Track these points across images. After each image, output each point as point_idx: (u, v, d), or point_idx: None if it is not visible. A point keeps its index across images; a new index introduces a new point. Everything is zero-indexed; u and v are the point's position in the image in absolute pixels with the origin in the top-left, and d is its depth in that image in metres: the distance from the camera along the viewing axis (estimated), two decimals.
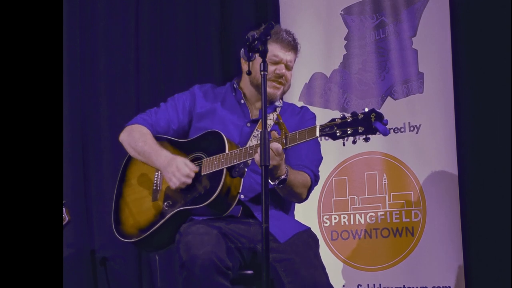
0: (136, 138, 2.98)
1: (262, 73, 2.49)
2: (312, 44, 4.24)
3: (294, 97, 4.27)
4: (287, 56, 2.99)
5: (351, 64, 4.24)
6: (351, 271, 4.06)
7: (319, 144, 3.02)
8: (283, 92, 3.04)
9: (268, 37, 2.54)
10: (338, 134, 2.48)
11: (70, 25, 4.60)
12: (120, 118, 4.31)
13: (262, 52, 2.52)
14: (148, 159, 2.93)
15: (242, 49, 2.70)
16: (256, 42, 2.52)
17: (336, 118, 2.51)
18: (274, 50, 2.95)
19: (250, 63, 2.86)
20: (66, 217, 3.27)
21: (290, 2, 4.40)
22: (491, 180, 3.86)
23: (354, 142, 2.47)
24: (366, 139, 2.45)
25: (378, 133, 2.42)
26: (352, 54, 4.25)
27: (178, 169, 2.79)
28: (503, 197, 3.81)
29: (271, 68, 2.92)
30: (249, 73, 2.76)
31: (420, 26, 4.08)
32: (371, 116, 2.42)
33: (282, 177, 2.70)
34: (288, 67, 3.00)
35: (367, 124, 2.42)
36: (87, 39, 4.69)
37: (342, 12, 4.28)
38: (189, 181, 2.79)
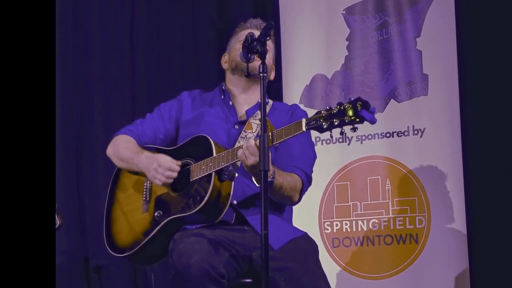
0: (119, 146, 2.98)
1: (261, 74, 2.45)
2: (312, 45, 4.24)
3: (294, 99, 4.26)
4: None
5: (353, 65, 4.22)
6: (353, 279, 4.03)
7: (312, 143, 3.00)
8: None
9: (268, 38, 2.51)
10: (324, 127, 2.45)
11: (63, 29, 4.56)
12: (114, 123, 4.33)
13: (261, 53, 2.48)
14: (131, 164, 2.92)
15: (241, 50, 2.65)
16: (255, 43, 2.49)
17: (322, 110, 2.48)
18: (244, 33, 2.86)
19: (225, 61, 2.98)
20: (57, 221, 3.25)
21: (290, 2, 4.39)
22: (497, 185, 3.83)
23: (341, 133, 2.43)
24: (354, 129, 2.41)
25: (365, 121, 2.38)
26: (354, 55, 4.22)
27: (160, 165, 2.77)
28: (511, 203, 3.78)
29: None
30: (247, 75, 2.72)
31: (424, 26, 4.06)
32: (357, 104, 2.38)
33: (269, 179, 2.63)
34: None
35: (354, 113, 2.39)
36: (81, 43, 4.66)
37: (344, 12, 4.26)
38: (174, 174, 2.77)
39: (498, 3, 3.90)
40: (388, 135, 4.07)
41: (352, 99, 2.40)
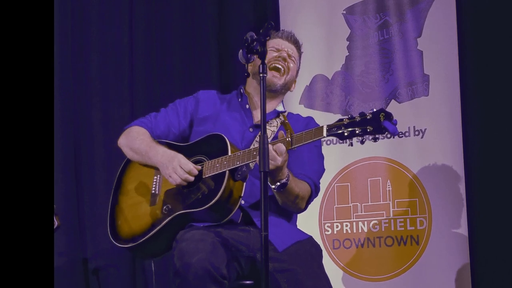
0: (133, 137, 2.98)
1: (261, 75, 2.45)
2: (313, 45, 4.21)
3: (294, 100, 4.25)
4: (288, 47, 3.00)
5: (353, 66, 4.21)
6: (353, 281, 4.02)
7: (322, 156, 3.01)
8: (285, 83, 2.99)
9: (268, 38, 2.51)
10: (346, 134, 2.49)
11: (62, 29, 4.54)
12: (113, 124, 4.35)
13: (261, 54, 2.48)
14: (145, 157, 2.92)
15: (241, 50, 2.64)
16: (255, 43, 2.48)
17: (344, 118, 2.51)
18: (274, 42, 2.98)
19: (250, 64, 2.92)
20: (56, 222, 3.27)
21: (290, 2, 4.38)
22: (499, 186, 3.83)
23: (362, 142, 2.48)
24: (375, 139, 2.47)
25: (387, 133, 2.43)
26: (355, 55, 4.22)
27: (180, 165, 2.76)
28: None
29: (272, 54, 2.94)
30: (248, 75, 2.70)
31: (425, 26, 4.06)
32: (380, 115, 2.42)
33: (283, 180, 2.66)
34: (291, 58, 3.00)
35: (376, 123, 2.43)
36: (80, 43, 4.64)
37: (344, 12, 4.26)
38: (191, 178, 2.75)
39: (499, 3, 3.89)
40: (388, 136, 4.04)
41: (375, 110, 2.44)
